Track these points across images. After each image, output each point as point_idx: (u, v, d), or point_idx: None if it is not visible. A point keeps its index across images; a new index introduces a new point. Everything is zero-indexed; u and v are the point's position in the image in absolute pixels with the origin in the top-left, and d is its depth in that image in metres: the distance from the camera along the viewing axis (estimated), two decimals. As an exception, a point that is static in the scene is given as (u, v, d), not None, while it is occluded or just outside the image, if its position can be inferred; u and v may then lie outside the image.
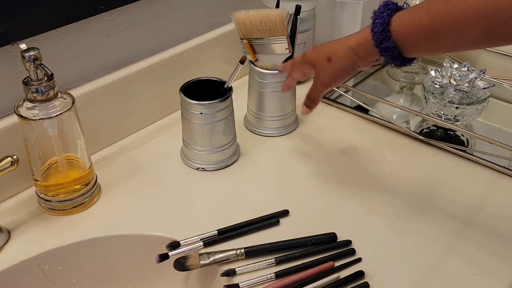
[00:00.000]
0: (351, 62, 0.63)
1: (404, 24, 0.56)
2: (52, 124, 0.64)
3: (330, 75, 0.65)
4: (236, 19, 0.76)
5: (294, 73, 0.73)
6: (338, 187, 0.75)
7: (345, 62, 0.63)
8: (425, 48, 0.58)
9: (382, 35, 0.57)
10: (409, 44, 0.57)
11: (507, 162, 0.77)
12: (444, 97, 0.85)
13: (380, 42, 0.58)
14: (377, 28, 0.57)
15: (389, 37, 0.57)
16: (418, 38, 0.56)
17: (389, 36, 0.57)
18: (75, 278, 0.67)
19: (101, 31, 0.75)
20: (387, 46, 0.57)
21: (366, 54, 0.61)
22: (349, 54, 0.62)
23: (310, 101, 0.71)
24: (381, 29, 0.57)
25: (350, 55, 0.62)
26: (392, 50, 0.58)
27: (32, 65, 0.60)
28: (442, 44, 0.56)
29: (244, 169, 0.78)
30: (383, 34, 0.57)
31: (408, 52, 0.58)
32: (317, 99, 0.70)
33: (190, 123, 0.75)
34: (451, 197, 0.73)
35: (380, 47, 0.58)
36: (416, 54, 0.60)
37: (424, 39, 0.56)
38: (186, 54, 0.87)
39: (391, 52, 0.58)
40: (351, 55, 0.62)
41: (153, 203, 0.71)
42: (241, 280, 0.60)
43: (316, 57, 0.67)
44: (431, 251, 0.64)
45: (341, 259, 0.63)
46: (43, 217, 0.69)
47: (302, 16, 0.84)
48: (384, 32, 0.57)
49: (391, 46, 0.57)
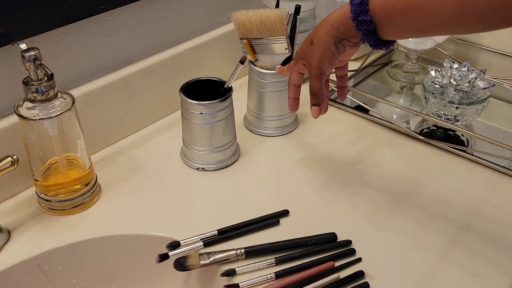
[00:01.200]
0: (331, 37, 0.62)
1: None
2: (52, 124, 0.64)
3: (317, 57, 0.65)
4: (236, 19, 0.76)
5: (291, 77, 0.71)
6: (338, 187, 0.75)
7: (326, 39, 0.63)
8: (399, 26, 0.58)
9: (360, 8, 0.58)
10: (384, 19, 0.58)
11: (507, 162, 0.77)
12: (444, 97, 0.85)
13: (357, 14, 0.58)
14: (356, 0, 0.58)
15: (366, 11, 0.57)
16: (393, 13, 0.57)
17: (366, 9, 0.57)
18: (75, 278, 0.67)
19: (101, 31, 0.76)
20: (363, 20, 0.58)
21: (345, 28, 0.61)
22: (328, 30, 0.63)
23: (315, 96, 0.68)
24: (359, 1, 0.58)
25: (330, 31, 0.62)
26: (368, 24, 0.58)
27: (32, 65, 0.60)
28: (414, 21, 0.56)
29: (244, 169, 0.78)
30: (360, 6, 0.58)
31: (383, 29, 0.58)
32: (320, 91, 0.68)
33: (190, 123, 0.75)
34: (451, 197, 0.73)
35: (356, 20, 0.58)
36: (390, 33, 0.59)
37: (398, 14, 0.56)
38: (186, 54, 0.87)
39: (367, 26, 0.58)
40: (331, 30, 0.62)
41: (153, 203, 0.71)
42: (241, 280, 0.60)
43: (302, 48, 0.68)
44: (431, 251, 0.64)
45: (341, 259, 0.63)
46: (43, 217, 0.69)
47: (302, 16, 0.84)
48: (362, 5, 0.58)
49: (368, 19, 0.58)
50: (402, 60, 1.04)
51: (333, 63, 0.65)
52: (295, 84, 0.71)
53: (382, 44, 0.60)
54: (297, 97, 0.73)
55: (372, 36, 0.59)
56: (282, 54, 0.79)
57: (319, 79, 0.67)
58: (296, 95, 0.72)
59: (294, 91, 0.72)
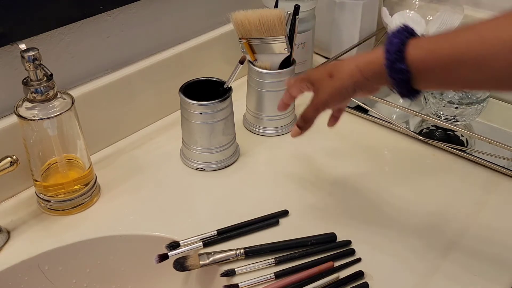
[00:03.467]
0: (354, 81, 0.58)
1: (422, 48, 0.53)
2: (52, 124, 0.64)
3: (329, 92, 0.61)
4: (235, 19, 0.76)
5: (291, 88, 0.68)
6: (338, 187, 0.75)
7: (348, 80, 0.58)
8: (438, 79, 0.53)
9: (397, 55, 0.53)
10: (423, 71, 0.53)
11: (506, 162, 0.77)
12: (443, 97, 0.85)
13: (393, 62, 0.53)
14: (393, 47, 0.53)
15: (403, 58, 0.53)
16: (434, 66, 0.52)
17: (403, 57, 0.53)
18: (74, 278, 0.67)
19: (101, 31, 0.76)
20: (399, 68, 0.53)
21: (373, 75, 0.57)
22: (354, 72, 0.58)
23: (304, 122, 0.65)
24: (396, 49, 0.53)
25: (355, 73, 0.58)
26: (404, 74, 0.53)
27: (31, 65, 0.60)
28: (458, 77, 0.52)
29: (243, 169, 0.78)
30: (398, 54, 0.53)
31: (419, 80, 0.53)
32: (312, 120, 0.64)
33: (190, 123, 0.75)
34: (451, 197, 0.73)
35: (391, 67, 0.53)
36: (426, 85, 0.55)
37: (441, 68, 0.51)
38: (186, 54, 0.87)
39: (402, 75, 0.53)
40: (356, 73, 0.58)
41: (153, 203, 0.71)
42: (241, 280, 0.60)
43: (317, 73, 0.63)
44: (431, 251, 0.64)
45: (340, 259, 0.63)
46: (42, 217, 0.69)
47: (301, 16, 0.84)
48: (399, 52, 0.53)
49: (404, 68, 0.53)
50: (402, 60, 1.04)
51: (341, 104, 0.63)
52: (293, 96, 0.69)
53: (414, 93, 0.55)
54: (290, 104, 0.72)
55: (405, 86, 0.54)
56: (281, 54, 0.79)
57: (318, 111, 0.64)
58: (289, 102, 0.71)
59: (288, 99, 0.70)
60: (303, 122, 0.65)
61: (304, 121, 0.65)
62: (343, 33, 1.03)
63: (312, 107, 0.63)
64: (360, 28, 1.02)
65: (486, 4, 0.99)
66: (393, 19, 0.97)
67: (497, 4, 0.98)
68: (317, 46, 1.02)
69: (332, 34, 1.03)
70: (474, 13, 0.99)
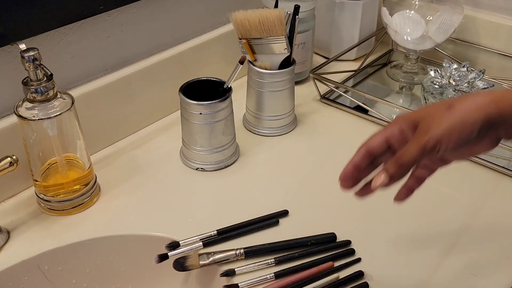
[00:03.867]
0: (483, 114, 0.44)
1: None
2: (52, 124, 0.64)
3: (446, 126, 0.45)
4: (235, 19, 0.77)
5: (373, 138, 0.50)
6: (337, 187, 0.74)
7: (475, 114, 0.45)
8: None
9: None
10: None
11: (506, 162, 0.77)
12: (443, 97, 0.85)
13: None
14: None
15: None
16: None
17: None
18: (74, 278, 0.67)
19: (101, 31, 0.76)
20: None
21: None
22: (484, 103, 0.45)
23: (399, 167, 0.47)
24: None
25: (486, 105, 0.45)
26: None
27: (31, 65, 0.60)
28: None
29: (243, 169, 0.78)
30: None
31: None
32: (411, 166, 0.47)
33: (190, 123, 0.75)
34: (451, 197, 0.73)
35: None
36: None
37: None
38: (186, 54, 0.87)
39: None
40: (488, 104, 0.45)
41: (153, 203, 0.71)
42: (241, 280, 0.60)
43: (426, 108, 0.48)
44: (430, 251, 0.64)
45: (340, 259, 0.63)
46: (42, 217, 0.69)
47: (301, 17, 0.84)
48: None
49: None
50: (402, 61, 1.04)
51: (457, 146, 0.46)
52: (371, 149, 0.49)
53: None
54: (362, 166, 0.51)
55: None
56: (281, 54, 0.79)
57: (424, 152, 0.46)
58: (360, 163, 0.50)
59: (361, 158, 0.50)
60: (398, 168, 0.47)
61: (401, 167, 0.47)
62: (343, 33, 1.03)
63: (417, 145, 0.46)
64: (360, 28, 1.02)
65: (486, 4, 0.99)
66: (393, 19, 0.97)
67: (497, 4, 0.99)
68: (317, 46, 1.02)
69: (332, 34, 1.03)
70: (474, 13, 0.99)
